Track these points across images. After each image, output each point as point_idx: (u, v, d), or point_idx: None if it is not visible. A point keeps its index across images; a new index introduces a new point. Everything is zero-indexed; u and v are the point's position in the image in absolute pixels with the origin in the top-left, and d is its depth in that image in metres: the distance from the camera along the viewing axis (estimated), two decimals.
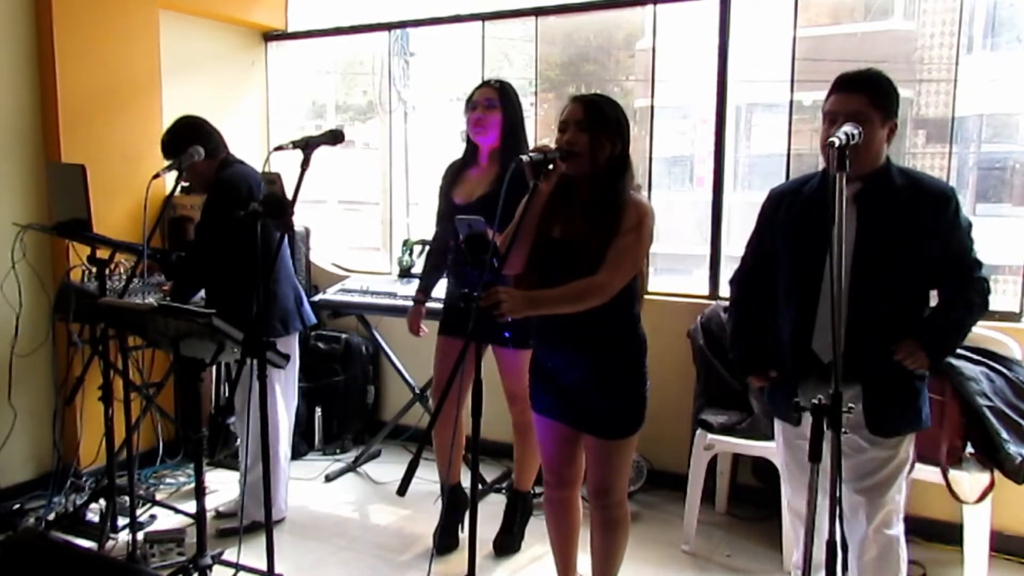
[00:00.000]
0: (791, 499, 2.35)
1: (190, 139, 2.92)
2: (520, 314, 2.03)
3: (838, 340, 1.61)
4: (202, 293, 3.23)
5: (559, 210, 2.14)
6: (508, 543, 3.05)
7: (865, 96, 1.99)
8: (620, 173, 2.13)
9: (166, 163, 2.93)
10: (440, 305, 3.13)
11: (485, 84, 2.85)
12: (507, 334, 2.78)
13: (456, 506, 3.05)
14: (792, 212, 2.17)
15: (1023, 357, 2.85)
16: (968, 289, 2.09)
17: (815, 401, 1.60)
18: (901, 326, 2.06)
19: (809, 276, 2.07)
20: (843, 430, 1.59)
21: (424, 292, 3.12)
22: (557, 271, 2.13)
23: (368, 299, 3.82)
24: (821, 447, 1.61)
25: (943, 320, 2.10)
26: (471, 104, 2.82)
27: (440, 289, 3.22)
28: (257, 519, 3.02)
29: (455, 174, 2.93)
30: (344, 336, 4.23)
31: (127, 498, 2.94)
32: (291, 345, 3.12)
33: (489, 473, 3.77)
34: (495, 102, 2.78)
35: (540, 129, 4.12)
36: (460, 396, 2.84)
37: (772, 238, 2.22)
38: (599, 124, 2.10)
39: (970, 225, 2.10)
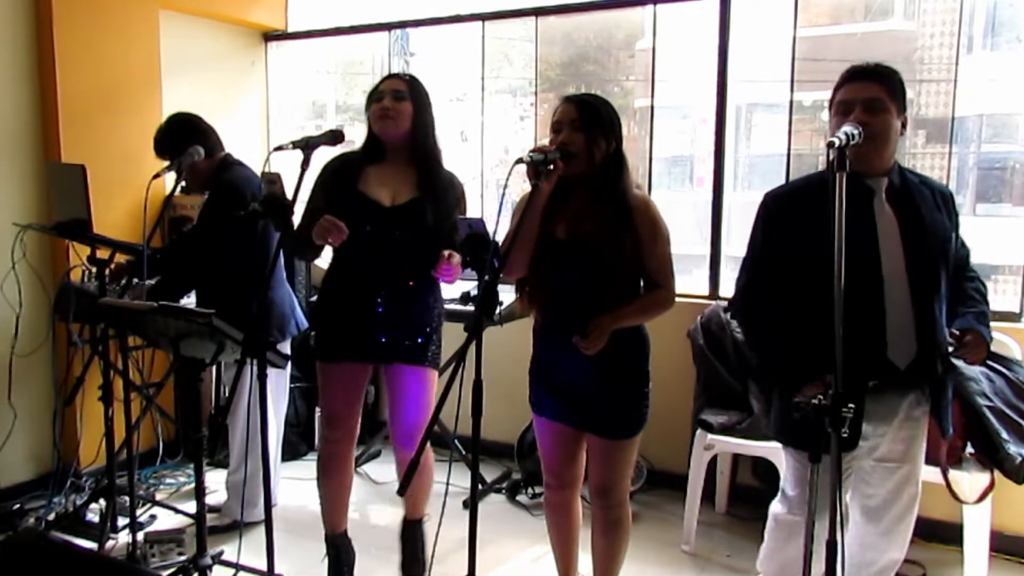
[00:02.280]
0: (793, 507, 2.21)
1: (186, 138, 2.92)
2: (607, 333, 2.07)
3: (839, 339, 1.60)
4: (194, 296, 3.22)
5: (559, 211, 2.14)
6: (417, 572, 2.77)
7: (882, 85, 1.94)
8: (618, 170, 2.14)
9: (166, 163, 2.92)
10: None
11: (394, 76, 2.57)
12: (408, 343, 2.53)
13: (347, 556, 2.81)
14: (814, 217, 1.97)
15: (1023, 357, 2.85)
16: (975, 280, 2.13)
17: (815, 401, 1.59)
18: (938, 325, 2.02)
19: (867, 284, 1.91)
20: (842, 430, 1.58)
21: None
22: (566, 272, 2.14)
23: None
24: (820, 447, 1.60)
25: (979, 311, 2.06)
26: (376, 95, 2.49)
27: None
28: (238, 519, 3.08)
29: (356, 169, 2.52)
30: None
31: (127, 498, 2.94)
32: (286, 349, 3.14)
33: (489, 473, 3.77)
34: (404, 94, 2.47)
35: (540, 129, 4.12)
36: (354, 432, 2.72)
37: (783, 245, 2.06)
38: (594, 123, 2.10)
39: None
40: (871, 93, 1.92)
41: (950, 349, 2.00)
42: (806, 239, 1.97)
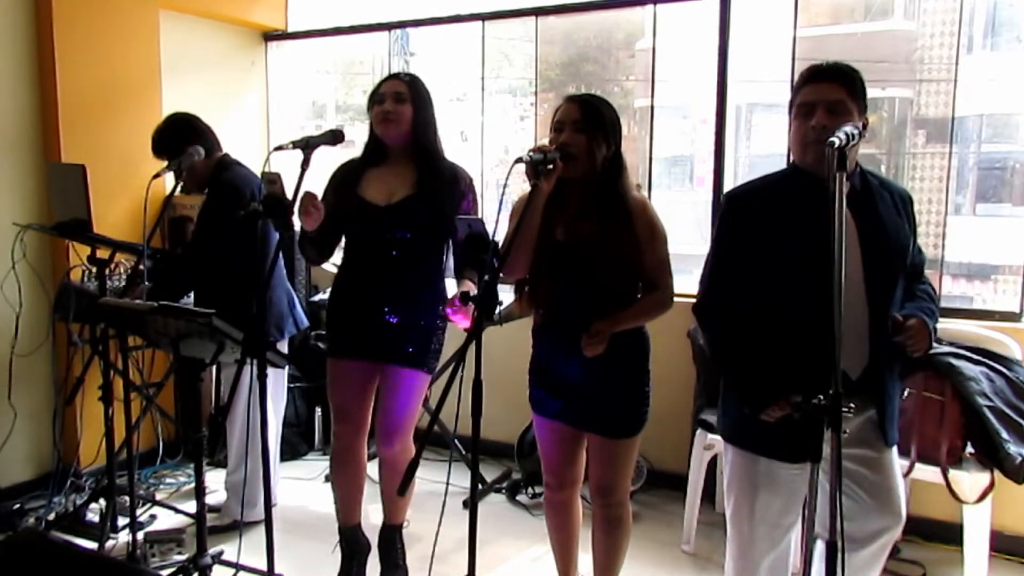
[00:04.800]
0: (737, 557, 2.08)
1: (184, 138, 2.92)
2: (607, 337, 2.07)
3: (839, 341, 1.59)
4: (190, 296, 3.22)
5: (558, 212, 2.14)
6: None
7: (843, 87, 1.87)
8: (618, 172, 2.14)
9: (165, 163, 2.92)
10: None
11: (393, 76, 2.56)
12: (410, 348, 2.54)
13: (358, 551, 2.80)
14: (779, 218, 1.93)
15: (1023, 357, 2.85)
16: (926, 283, 2.07)
17: (815, 401, 1.58)
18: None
19: (821, 290, 1.73)
20: (844, 430, 1.57)
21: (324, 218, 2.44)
22: (566, 273, 2.14)
23: None
24: (820, 447, 1.60)
25: (926, 307, 1.96)
26: (377, 97, 2.51)
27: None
28: (238, 518, 3.07)
29: (357, 172, 2.57)
30: None
31: (127, 498, 2.94)
32: (284, 349, 3.14)
33: (489, 473, 3.77)
34: (404, 96, 2.48)
35: (540, 129, 4.12)
36: (364, 426, 2.72)
37: (747, 245, 1.96)
38: (596, 125, 2.10)
39: None
40: (834, 95, 1.85)
41: (900, 330, 1.88)
42: (774, 239, 1.91)
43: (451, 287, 2.65)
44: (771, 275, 1.92)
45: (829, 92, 1.86)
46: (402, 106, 2.48)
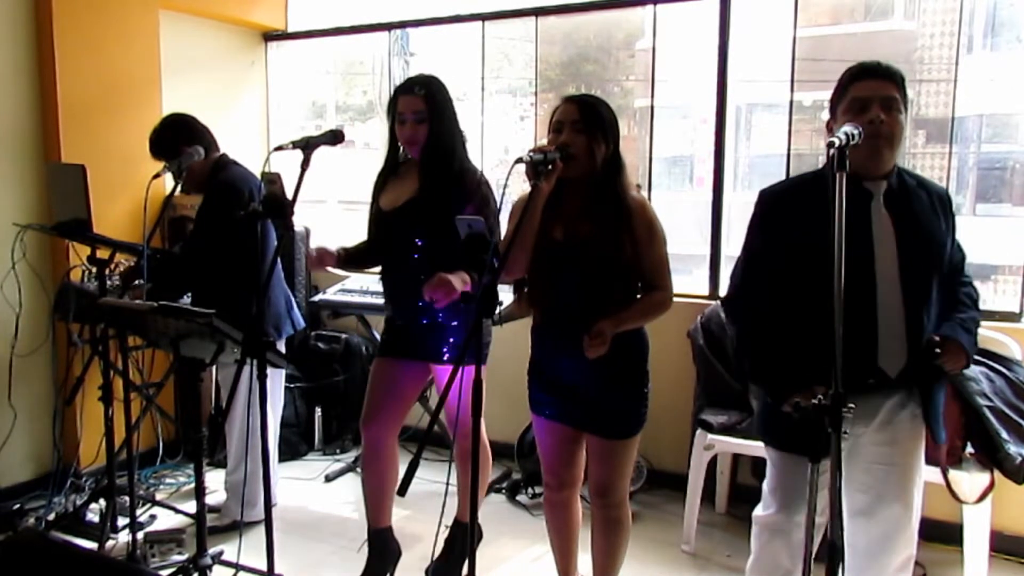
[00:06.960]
0: (770, 506, 2.16)
1: (183, 138, 2.93)
2: (609, 339, 2.05)
3: (839, 340, 1.59)
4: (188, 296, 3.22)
5: (556, 212, 2.14)
6: (442, 572, 2.77)
7: (895, 84, 1.90)
8: (617, 173, 2.14)
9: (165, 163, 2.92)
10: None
11: (409, 91, 2.52)
12: (445, 350, 2.58)
13: (383, 554, 2.76)
14: (813, 217, 1.89)
15: (1023, 357, 2.85)
16: (967, 285, 2.07)
17: (815, 400, 1.58)
18: (926, 332, 1.93)
19: (861, 288, 1.85)
20: (844, 431, 1.57)
21: (347, 251, 2.66)
22: (563, 273, 2.14)
23: (368, 299, 3.82)
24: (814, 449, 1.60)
25: (967, 320, 1.98)
26: (399, 118, 2.53)
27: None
28: (238, 519, 3.07)
29: (383, 180, 2.68)
30: (344, 336, 4.24)
31: (127, 498, 2.94)
32: (281, 349, 3.15)
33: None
34: (423, 115, 2.49)
35: (540, 129, 4.12)
36: (394, 424, 2.72)
37: (781, 242, 1.99)
38: (596, 125, 2.10)
39: None
40: (888, 92, 1.88)
41: (936, 351, 1.92)
42: (804, 237, 1.92)
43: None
44: (805, 273, 1.90)
45: (883, 88, 1.88)
46: (421, 126, 2.51)
